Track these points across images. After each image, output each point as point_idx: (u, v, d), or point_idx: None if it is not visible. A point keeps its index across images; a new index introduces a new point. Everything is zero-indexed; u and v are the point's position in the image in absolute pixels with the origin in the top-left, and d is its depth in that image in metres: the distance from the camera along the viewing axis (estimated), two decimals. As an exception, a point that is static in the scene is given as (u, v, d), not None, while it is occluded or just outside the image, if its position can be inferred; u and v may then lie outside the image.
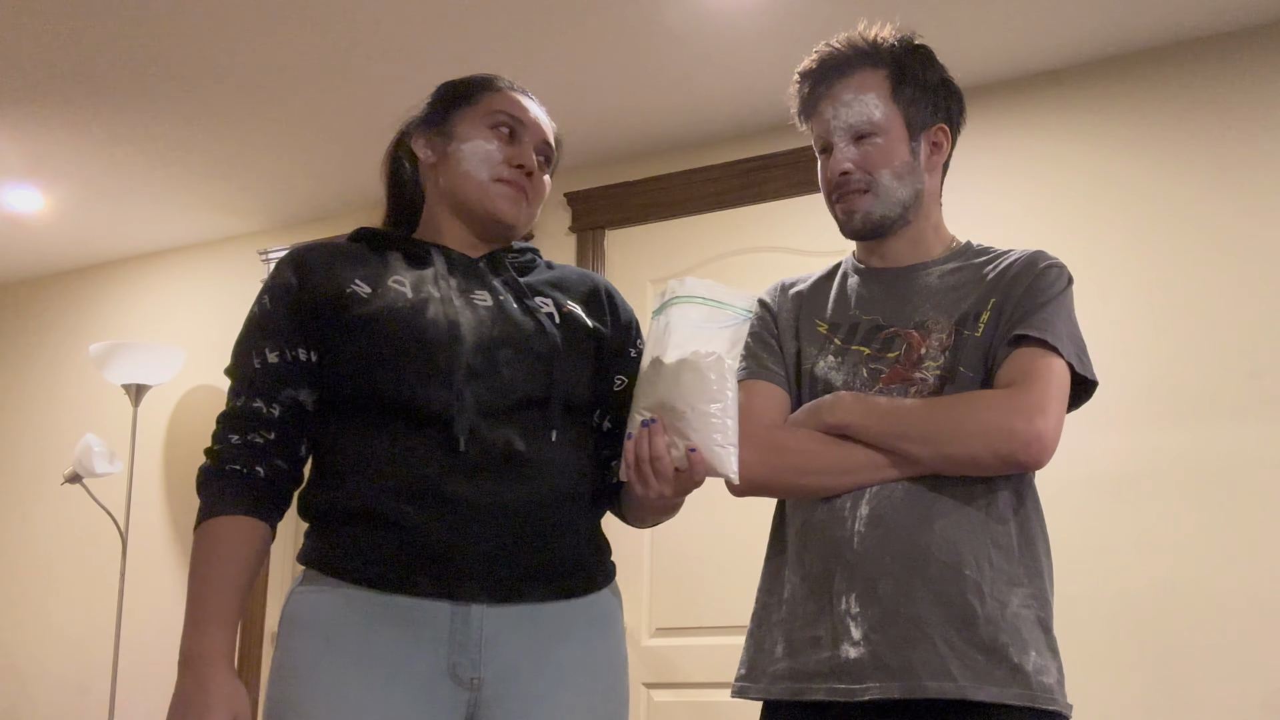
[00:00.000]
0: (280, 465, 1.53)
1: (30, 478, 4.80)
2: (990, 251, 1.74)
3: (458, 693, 1.45)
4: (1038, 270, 1.65)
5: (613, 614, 1.59)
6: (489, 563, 1.46)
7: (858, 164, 1.68)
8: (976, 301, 1.65)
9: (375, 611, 1.45)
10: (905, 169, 1.70)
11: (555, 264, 1.73)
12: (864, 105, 1.68)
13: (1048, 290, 1.63)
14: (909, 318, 1.67)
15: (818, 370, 1.68)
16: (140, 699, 4.21)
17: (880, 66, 1.70)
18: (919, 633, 1.51)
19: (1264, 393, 2.97)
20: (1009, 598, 1.54)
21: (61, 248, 4.75)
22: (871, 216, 1.70)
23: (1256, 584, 2.88)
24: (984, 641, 1.51)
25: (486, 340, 1.52)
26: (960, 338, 1.63)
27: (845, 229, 1.74)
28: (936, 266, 1.72)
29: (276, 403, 1.53)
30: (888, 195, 1.69)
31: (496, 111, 1.65)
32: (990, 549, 1.55)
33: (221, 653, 1.43)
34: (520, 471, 1.49)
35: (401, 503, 1.46)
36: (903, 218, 1.72)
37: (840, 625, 1.54)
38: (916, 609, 1.51)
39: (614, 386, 1.65)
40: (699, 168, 3.79)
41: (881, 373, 1.64)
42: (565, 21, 3.16)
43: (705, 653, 3.50)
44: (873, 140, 1.68)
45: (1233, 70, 3.15)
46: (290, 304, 1.56)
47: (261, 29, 3.19)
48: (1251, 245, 3.06)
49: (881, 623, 1.52)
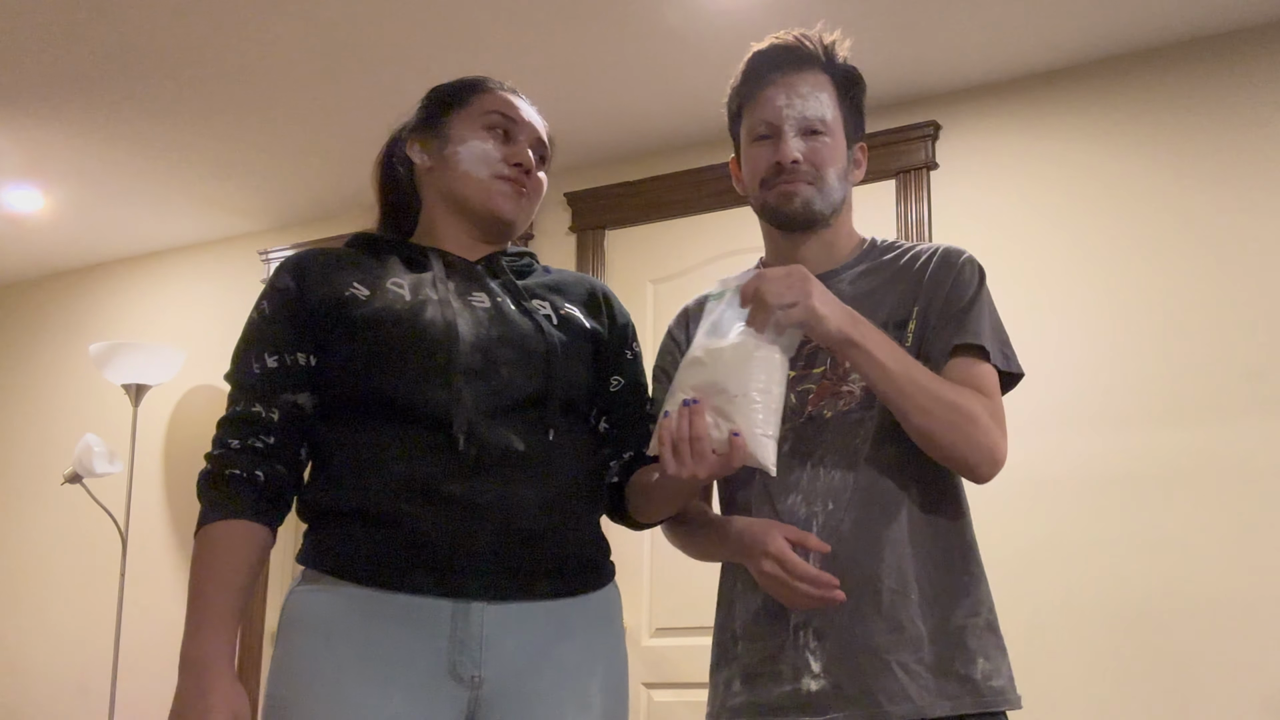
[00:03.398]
0: (280, 470, 1.53)
1: (30, 478, 4.81)
2: (896, 247, 1.73)
3: (458, 691, 1.45)
4: (956, 269, 1.65)
5: (613, 612, 1.61)
6: (489, 560, 1.46)
7: (806, 157, 1.65)
8: (896, 306, 1.64)
9: (375, 610, 1.45)
10: (843, 173, 1.70)
11: (552, 268, 1.75)
12: (819, 102, 1.67)
13: (967, 289, 1.63)
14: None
15: None
16: (140, 699, 4.21)
17: (830, 73, 1.70)
18: (877, 661, 1.53)
19: (1264, 393, 2.97)
20: (952, 612, 1.57)
21: (61, 248, 4.75)
22: (811, 206, 1.67)
23: (1256, 584, 2.88)
24: (935, 660, 1.54)
25: (484, 340, 1.53)
26: None
27: (779, 214, 1.69)
28: (846, 272, 1.70)
29: (276, 407, 1.53)
30: (830, 193, 1.67)
31: (490, 112, 1.66)
32: (933, 569, 1.58)
33: (222, 656, 1.43)
34: (519, 471, 1.49)
35: (401, 502, 1.46)
36: (828, 220, 1.70)
37: (800, 658, 1.57)
38: (873, 639, 1.54)
39: (610, 387, 1.67)
40: (699, 168, 3.79)
41: (810, 392, 1.63)
42: (565, 22, 3.16)
43: (705, 653, 3.48)
44: (822, 139, 1.66)
45: (1233, 70, 3.15)
46: (289, 309, 1.57)
47: (262, 29, 3.19)
48: (1251, 245, 3.06)
49: (840, 654, 1.55)
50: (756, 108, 1.70)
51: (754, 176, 1.70)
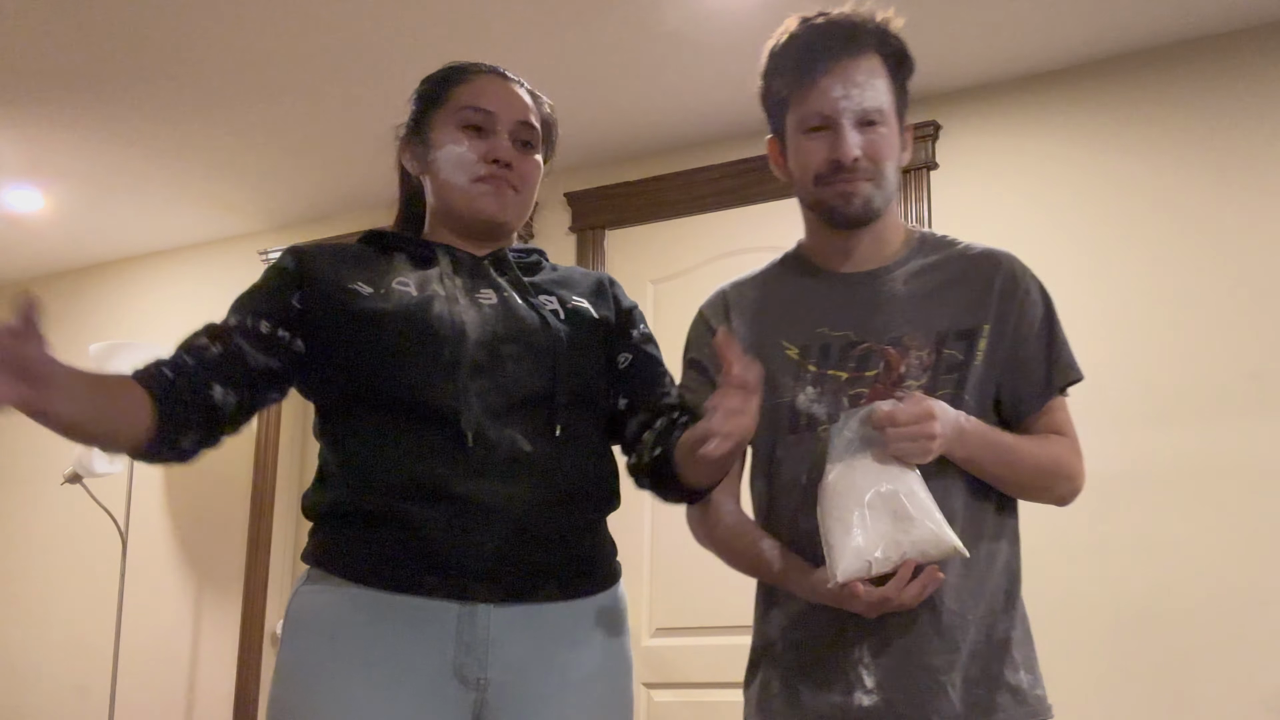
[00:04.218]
0: (186, 390, 1.45)
1: (30, 478, 4.80)
2: (947, 245, 1.68)
3: (464, 693, 1.45)
4: (1023, 289, 1.64)
5: (619, 614, 1.59)
6: (496, 563, 1.45)
7: (865, 152, 1.58)
8: (959, 315, 1.60)
9: (381, 611, 1.45)
10: (898, 162, 1.64)
11: (560, 266, 1.73)
12: (876, 91, 1.58)
13: (1051, 318, 1.64)
14: (881, 332, 1.60)
15: (798, 404, 1.61)
16: (140, 699, 4.21)
17: (884, 54, 1.61)
18: (933, 682, 1.52)
19: (1263, 393, 2.97)
20: (1003, 625, 1.57)
21: (61, 248, 4.75)
22: (871, 204, 1.60)
23: (1256, 584, 2.88)
24: (986, 675, 1.54)
25: (491, 336, 1.52)
26: (942, 356, 1.58)
27: (836, 214, 1.62)
28: (899, 269, 1.65)
29: (220, 344, 1.51)
30: (887, 187, 1.61)
31: (462, 108, 1.63)
32: (991, 589, 1.57)
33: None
34: (526, 471, 1.48)
35: (407, 503, 1.45)
36: (884, 211, 1.64)
37: (853, 672, 1.54)
38: (929, 659, 1.52)
39: (619, 365, 1.65)
40: (699, 168, 3.79)
41: (862, 395, 1.58)
42: (565, 22, 3.16)
43: (705, 653, 3.50)
44: (878, 130, 1.59)
45: (1233, 70, 3.15)
46: (275, 286, 1.57)
47: (262, 29, 3.19)
48: (1251, 245, 3.06)
49: (896, 672, 1.52)
50: (810, 97, 1.60)
51: (806, 170, 1.62)
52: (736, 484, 1.70)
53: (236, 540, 4.31)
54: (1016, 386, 1.61)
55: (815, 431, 1.58)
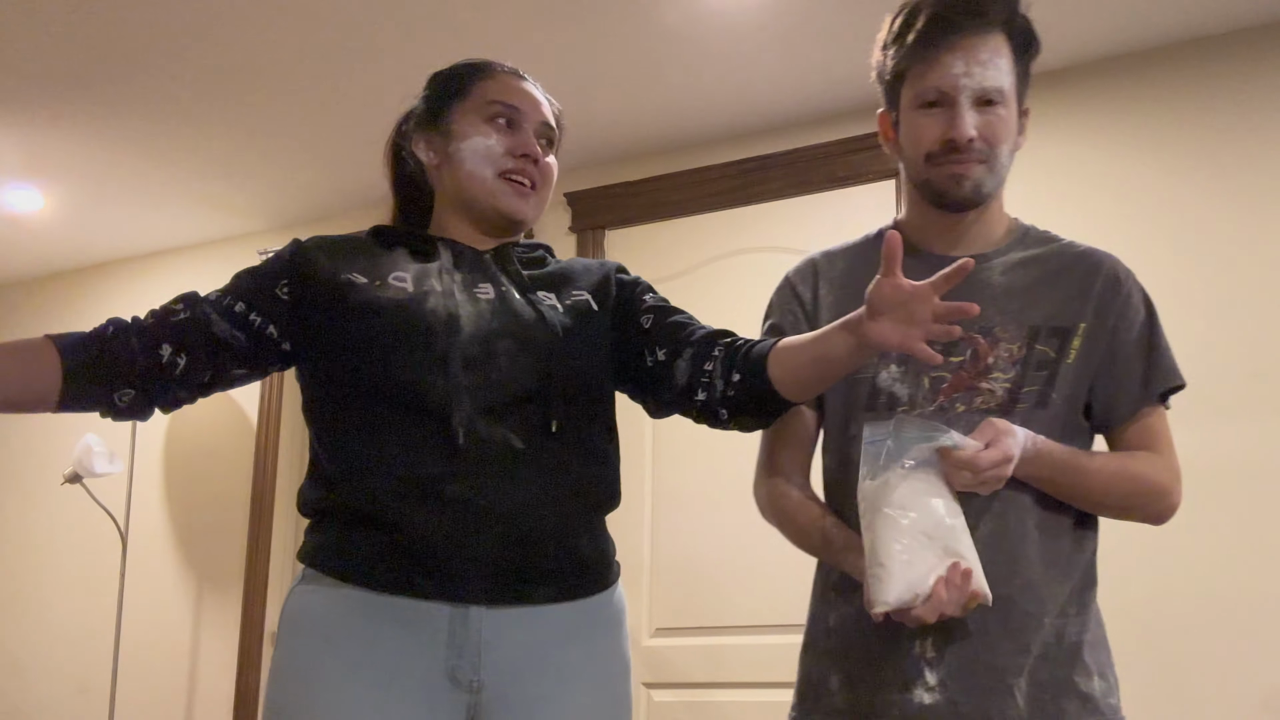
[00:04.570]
0: (125, 345, 1.51)
1: (30, 478, 4.80)
2: (1050, 240, 1.63)
3: (458, 695, 1.44)
4: (1133, 295, 1.59)
5: (617, 615, 1.57)
6: (488, 564, 1.44)
7: (981, 133, 1.51)
8: (1056, 312, 1.56)
9: (374, 613, 1.44)
10: (1013, 146, 1.57)
11: (564, 260, 1.71)
12: (998, 70, 1.52)
13: (1152, 323, 1.61)
14: (973, 321, 1.52)
15: (880, 381, 1.56)
16: (140, 698, 4.21)
17: (1010, 32, 1.55)
18: (999, 683, 1.46)
19: (1264, 393, 2.97)
20: (1075, 628, 1.52)
21: (61, 248, 4.75)
22: (983, 189, 1.54)
23: (1257, 584, 2.88)
24: (1055, 680, 1.48)
25: (485, 331, 1.51)
26: (1033, 352, 1.53)
27: (946, 196, 1.55)
28: (998, 259, 1.59)
29: (189, 310, 1.54)
30: (999, 171, 1.55)
31: (491, 102, 1.63)
32: (1068, 590, 1.53)
33: None
34: (520, 470, 1.47)
35: (399, 503, 1.44)
36: (993, 197, 1.59)
37: (913, 668, 1.48)
38: (997, 658, 1.47)
39: (643, 326, 1.62)
40: (699, 168, 3.79)
41: (944, 381, 1.53)
42: (565, 21, 3.16)
43: (705, 653, 3.50)
44: (996, 110, 1.52)
45: (1233, 70, 3.15)
46: (271, 276, 1.58)
47: (262, 29, 3.19)
48: (1252, 245, 3.06)
49: (960, 670, 1.47)
50: (929, 72, 1.52)
51: (918, 147, 1.55)
52: (807, 460, 1.65)
53: (236, 540, 4.31)
54: (1110, 392, 1.57)
55: (894, 412, 1.53)
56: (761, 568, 3.43)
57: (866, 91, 1.70)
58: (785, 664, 3.58)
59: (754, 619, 3.45)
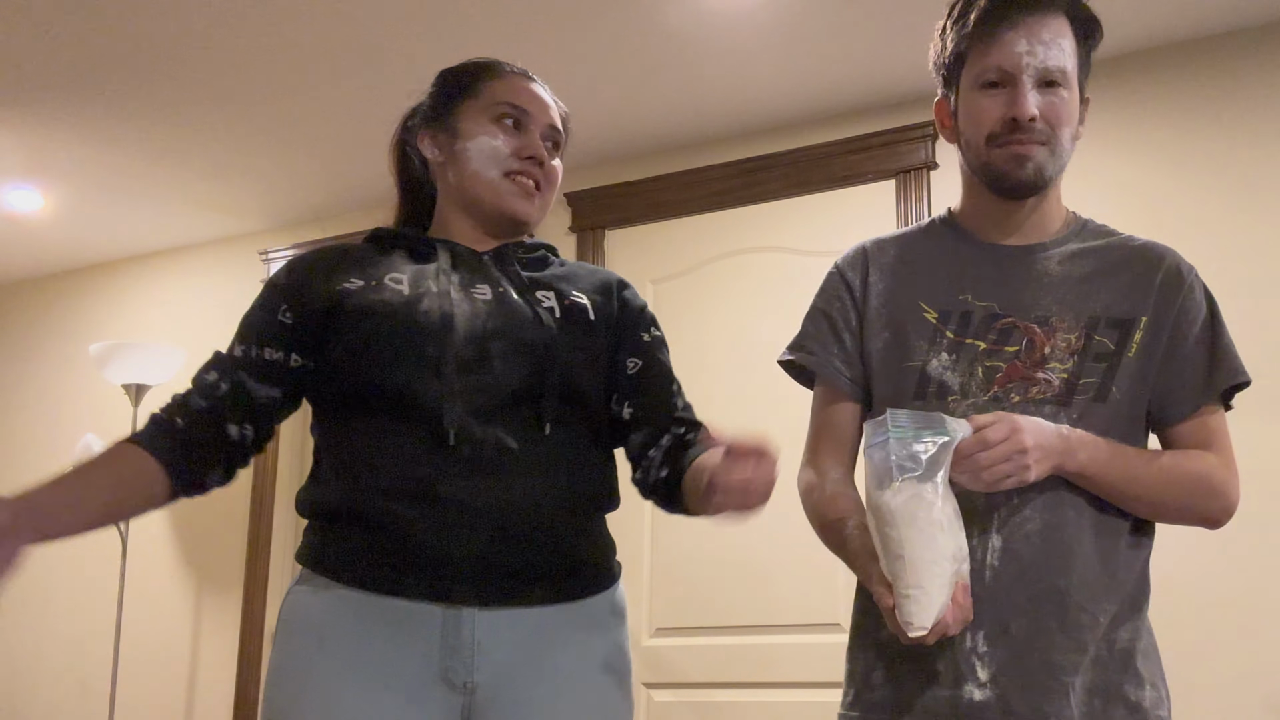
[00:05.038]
0: (202, 430, 1.50)
1: (30, 478, 4.79)
2: (1108, 234, 1.59)
3: (451, 697, 1.43)
4: (1195, 289, 1.55)
5: (616, 616, 1.56)
6: (480, 566, 1.44)
7: (1043, 113, 1.48)
8: (1115, 302, 1.51)
9: (368, 614, 1.44)
10: (1075, 132, 1.53)
11: (568, 261, 1.71)
12: (1061, 51, 1.49)
13: (1215, 318, 1.56)
14: (1029, 309, 1.51)
15: (930, 369, 1.51)
16: (140, 699, 4.20)
17: (1072, 17, 1.52)
18: (1052, 680, 1.41)
19: (1264, 393, 2.96)
20: (1128, 633, 1.47)
21: (61, 248, 4.75)
22: (1045, 172, 1.50)
23: (1257, 584, 2.88)
24: (1106, 685, 1.43)
25: (479, 332, 1.50)
26: (1092, 343, 1.49)
27: (1005, 179, 1.51)
28: (1056, 249, 1.55)
29: (228, 381, 1.53)
30: (1061, 156, 1.51)
31: (499, 103, 1.62)
32: (1121, 587, 1.47)
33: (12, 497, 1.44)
34: (512, 470, 1.46)
35: (392, 503, 1.44)
36: (1053, 184, 1.55)
37: (965, 663, 1.42)
38: (1051, 654, 1.41)
39: (628, 370, 1.61)
40: (699, 168, 3.79)
41: (998, 370, 1.48)
42: (565, 21, 3.16)
43: (705, 653, 3.50)
44: (1059, 92, 1.49)
45: (1233, 70, 3.15)
46: (271, 304, 1.57)
47: (262, 29, 3.19)
48: (1252, 245, 3.06)
49: (1011, 665, 1.41)
50: (991, 51, 1.49)
51: (978, 129, 1.52)
52: (847, 453, 1.60)
53: (236, 540, 4.31)
54: (1170, 388, 1.52)
55: (945, 401, 1.49)
56: (762, 568, 3.44)
57: (867, 91, 1.70)
58: (785, 664, 3.59)
59: (754, 619, 3.45)
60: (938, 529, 1.32)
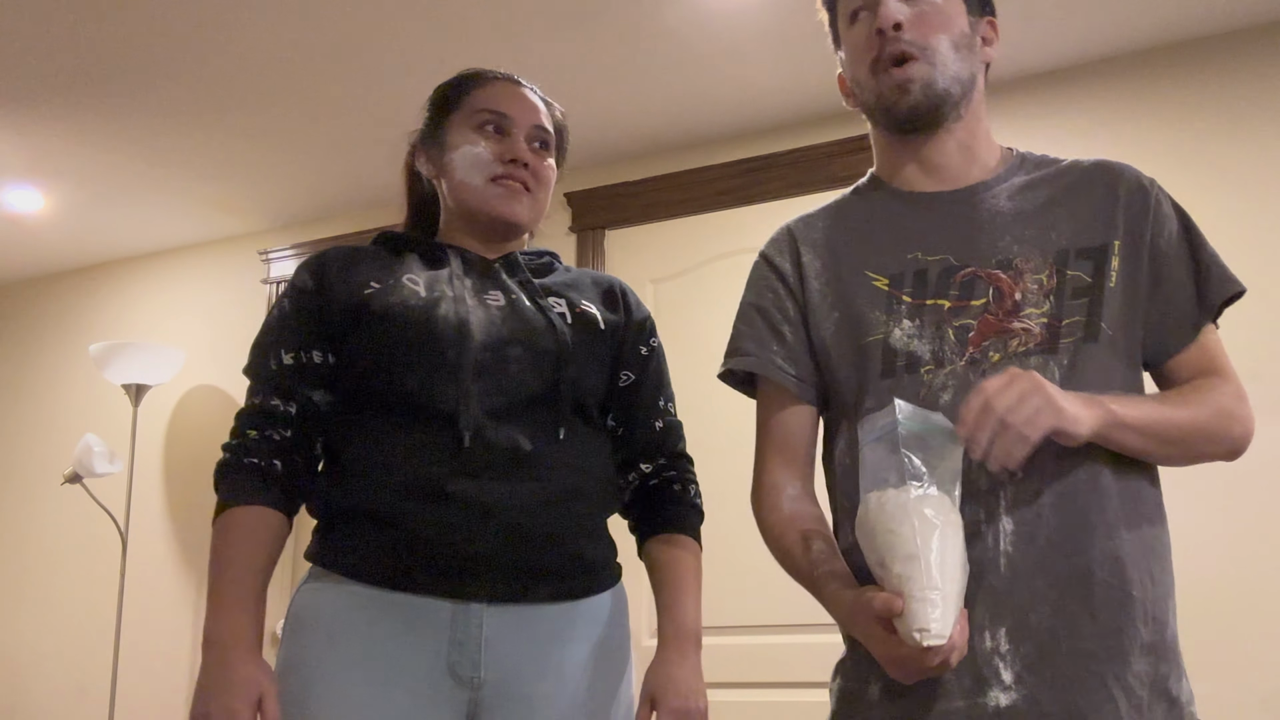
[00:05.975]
0: (296, 461, 1.53)
1: (30, 478, 4.80)
2: (1051, 161, 1.46)
3: (459, 691, 1.45)
4: (1163, 202, 1.40)
5: (618, 616, 1.61)
6: (490, 562, 1.46)
7: (911, 22, 1.36)
8: (1081, 230, 1.35)
9: (378, 609, 1.46)
10: (964, 41, 1.39)
11: (572, 268, 1.74)
12: None
13: (1189, 227, 1.41)
14: (987, 255, 1.35)
15: (893, 341, 1.34)
16: (140, 699, 4.20)
17: None
18: (1085, 671, 1.23)
19: (1264, 393, 2.96)
20: (1167, 616, 1.32)
21: (61, 248, 4.75)
22: (934, 87, 1.36)
23: (1256, 584, 2.88)
24: (1149, 674, 1.27)
25: (496, 338, 1.53)
26: (1066, 278, 1.33)
27: (898, 105, 1.38)
28: (1000, 185, 1.40)
29: (294, 402, 1.54)
30: (945, 65, 1.37)
31: (479, 110, 1.65)
32: (1151, 560, 1.31)
33: (243, 635, 1.43)
34: (526, 471, 1.49)
35: (404, 500, 1.46)
36: (958, 105, 1.39)
37: (986, 666, 1.24)
38: (1081, 642, 1.24)
39: (620, 383, 1.65)
40: (699, 168, 3.79)
41: (970, 329, 1.31)
42: (565, 21, 3.16)
43: (705, 653, 3.49)
44: (929, 1, 1.38)
45: (1233, 70, 3.15)
46: (306, 307, 1.58)
47: (262, 29, 3.19)
48: (1251, 245, 3.06)
49: (1039, 661, 1.24)
50: None
51: (858, 64, 1.41)
52: (802, 462, 1.43)
53: (236, 540, 4.31)
54: (1164, 315, 1.36)
55: (918, 374, 1.32)
56: (761, 568, 3.43)
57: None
58: (785, 664, 3.59)
59: (754, 619, 3.45)
60: (952, 533, 1.17)
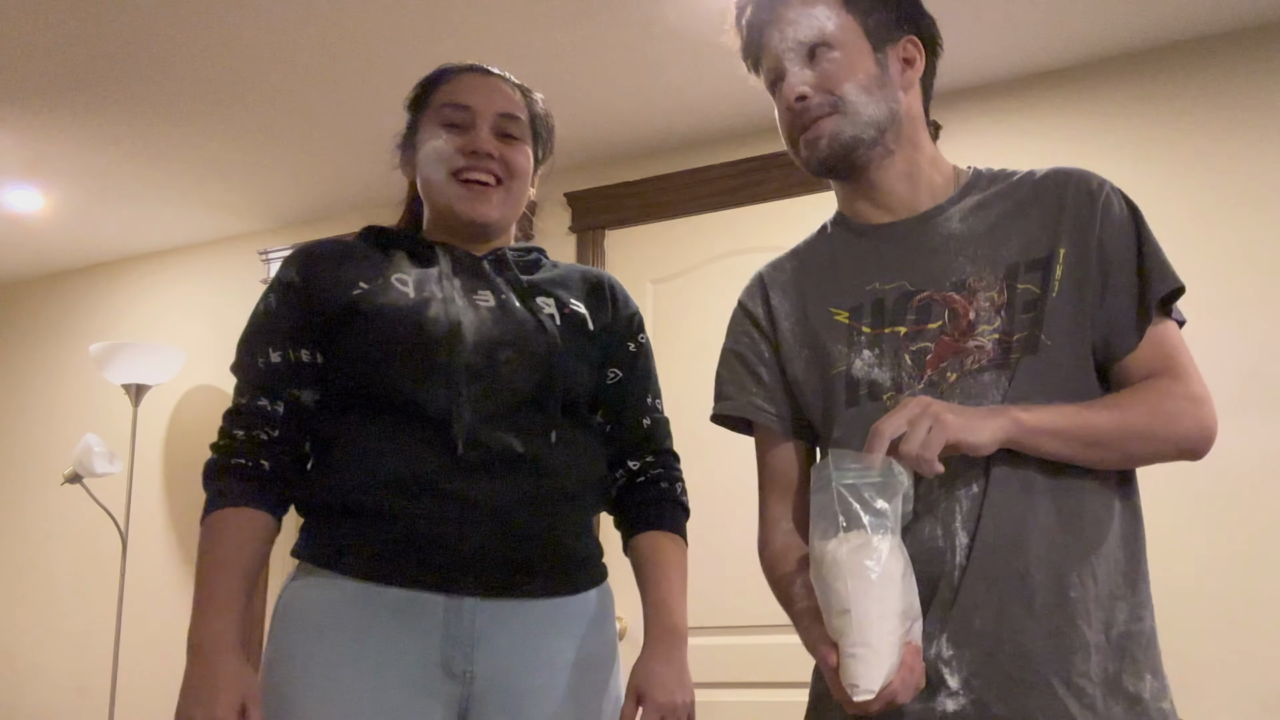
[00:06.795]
0: (284, 461, 1.53)
1: (30, 478, 4.80)
2: (1007, 175, 1.48)
3: (451, 686, 1.45)
4: (1112, 203, 1.40)
5: (605, 613, 1.63)
6: (483, 557, 1.46)
7: (816, 85, 1.42)
8: (1029, 243, 1.37)
9: (369, 603, 1.45)
10: (874, 82, 1.43)
11: (560, 263, 1.73)
12: (812, 18, 1.43)
13: (1138, 225, 1.40)
14: (941, 278, 1.38)
15: (855, 372, 1.39)
16: (140, 699, 4.20)
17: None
18: (1030, 673, 1.26)
19: (1264, 393, 2.97)
20: (1115, 614, 1.31)
21: (61, 248, 4.75)
22: (840, 137, 1.42)
23: (1256, 583, 2.88)
24: (1099, 673, 1.28)
25: (487, 340, 1.52)
26: (1016, 293, 1.35)
27: (813, 162, 1.45)
28: (953, 207, 1.44)
29: (280, 401, 1.54)
30: (856, 113, 1.41)
31: (442, 105, 1.63)
32: (1092, 560, 1.30)
33: (227, 638, 1.43)
34: (517, 471, 1.49)
35: (396, 497, 1.46)
36: (879, 142, 1.44)
37: (934, 673, 1.27)
38: (1024, 644, 1.27)
39: (607, 379, 1.65)
40: (699, 168, 3.79)
41: (927, 352, 1.35)
42: (565, 21, 3.16)
43: (705, 653, 3.49)
44: (829, 55, 1.43)
45: (1233, 70, 3.15)
46: (292, 304, 1.57)
47: (261, 29, 3.19)
48: (1251, 244, 3.06)
49: (984, 665, 1.27)
50: (763, 59, 1.49)
51: (786, 135, 1.48)
52: (796, 495, 1.49)
53: (236, 540, 4.31)
54: (1110, 318, 1.36)
55: (880, 401, 1.35)
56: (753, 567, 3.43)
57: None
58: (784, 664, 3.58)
59: (753, 619, 3.44)
60: (888, 583, 1.20)
